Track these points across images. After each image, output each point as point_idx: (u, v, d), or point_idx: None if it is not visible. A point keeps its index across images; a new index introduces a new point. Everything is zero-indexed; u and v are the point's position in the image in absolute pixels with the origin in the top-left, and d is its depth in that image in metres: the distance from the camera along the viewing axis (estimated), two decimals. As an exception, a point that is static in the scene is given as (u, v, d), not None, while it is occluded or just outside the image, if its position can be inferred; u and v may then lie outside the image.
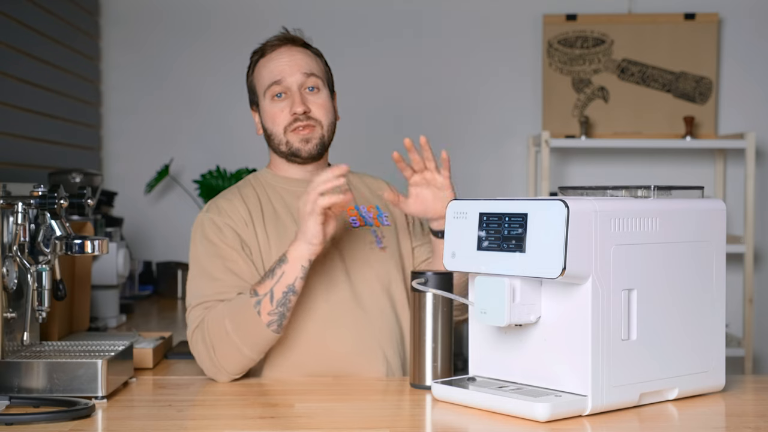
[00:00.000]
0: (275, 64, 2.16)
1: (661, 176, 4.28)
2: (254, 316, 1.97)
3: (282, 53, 2.17)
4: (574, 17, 4.30)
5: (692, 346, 1.80)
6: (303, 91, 2.15)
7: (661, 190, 1.80)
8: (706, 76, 4.28)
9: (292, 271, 1.97)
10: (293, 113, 2.13)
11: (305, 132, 2.14)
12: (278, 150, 2.17)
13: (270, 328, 1.98)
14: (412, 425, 1.72)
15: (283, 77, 2.14)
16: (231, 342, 1.98)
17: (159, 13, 4.33)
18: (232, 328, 1.98)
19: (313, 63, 2.19)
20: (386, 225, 2.22)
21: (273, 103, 2.15)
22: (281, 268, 1.97)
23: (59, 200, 1.90)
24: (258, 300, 1.97)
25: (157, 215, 4.32)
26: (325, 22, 4.31)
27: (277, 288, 1.97)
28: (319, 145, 2.16)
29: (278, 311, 1.97)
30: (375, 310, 2.12)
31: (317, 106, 2.16)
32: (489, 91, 4.37)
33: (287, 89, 2.14)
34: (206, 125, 4.31)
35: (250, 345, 1.98)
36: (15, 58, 3.28)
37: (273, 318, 1.97)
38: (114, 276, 2.97)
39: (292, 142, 2.15)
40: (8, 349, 1.87)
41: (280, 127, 2.15)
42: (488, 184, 4.35)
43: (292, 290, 1.97)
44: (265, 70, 2.17)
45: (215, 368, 2.00)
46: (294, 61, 2.16)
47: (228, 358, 1.99)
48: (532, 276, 1.66)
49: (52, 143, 3.67)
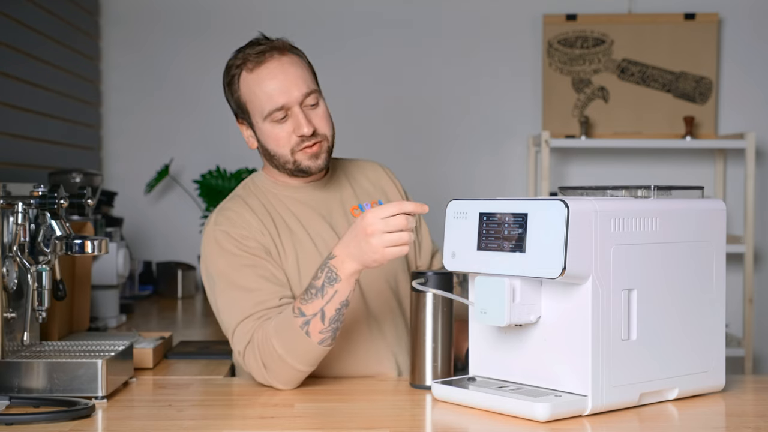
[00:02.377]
0: (268, 84, 2.04)
1: (661, 176, 4.28)
2: (303, 337, 1.87)
3: (272, 68, 2.05)
4: (574, 17, 4.30)
5: (692, 346, 1.80)
6: (305, 109, 2.06)
7: (661, 190, 1.80)
8: (706, 76, 4.28)
9: (346, 288, 1.86)
10: (300, 135, 2.04)
11: (314, 149, 2.07)
12: (282, 168, 2.10)
13: (323, 345, 1.89)
14: (412, 425, 1.72)
15: (282, 100, 2.03)
16: (283, 361, 1.90)
17: (159, 13, 4.32)
18: (283, 350, 1.89)
19: (306, 73, 2.08)
20: None
21: (275, 125, 2.05)
22: (333, 287, 1.86)
23: (59, 200, 1.90)
24: (306, 320, 1.87)
25: (157, 215, 4.31)
26: (324, 22, 4.31)
27: (329, 306, 1.87)
28: (327, 157, 2.10)
29: (332, 327, 1.88)
30: (386, 316, 2.11)
31: (320, 119, 2.07)
32: (489, 91, 4.37)
33: (289, 110, 2.04)
34: (206, 125, 4.30)
35: (304, 362, 1.90)
36: (15, 58, 3.28)
37: (326, 335, 1.88)
38: (114, 276, 2.97)
39: (300, 161, 2.07)
40: (8, 349, 1.87)
41: (286, 149, 2.06)
42: (488, 184, 4.35)
43: (346, 305, 1.89)
44: (260, 90, 2.05)
45: (271, 384, 1.94)
46: (289, 79, 2.04)
47: (283, 376, 1.92)
48: (532, 276, 1.66)
49: (52, 143, 3.67)
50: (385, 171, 2.30)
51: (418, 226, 2.28)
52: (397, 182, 2.30)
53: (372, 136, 4.25)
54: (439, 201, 2.33)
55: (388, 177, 2.29)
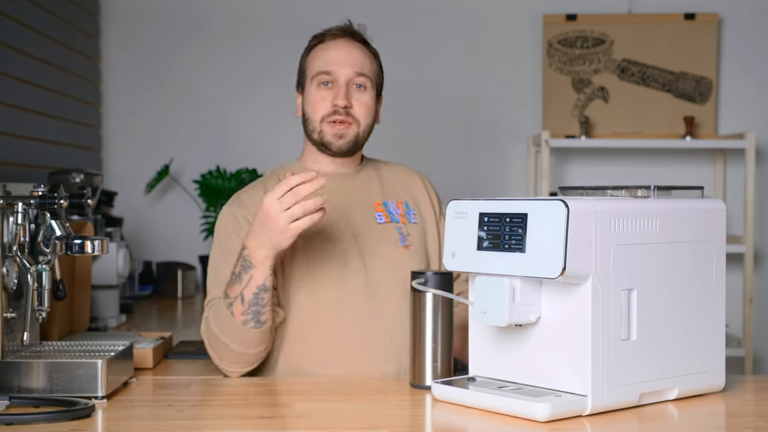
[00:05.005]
0: (330, 53, 2.16)
1: (661, 176, 4.28)
2: (229, 317, 2.00)
3: (339, 45, 2.18)
4: (574, 17, 4.30)
5: (692, 346, 1.80)
6: (350, 86, 2.15)
7: (661, 190, 1.80)
8: (706, 76, 4.28)
9: (260, 273, 1.97)
10: (334, 104, 2.13)
11: (341, 127, 2.14)
12: (311, 137, 2.17)
13: (247, 326, 2.00)
14: (412, 425, 1.72)
15: (334, 68, 2.14)
16: (219, 340, 2.02)
17: (159, 13, 4.33)
18: (218, 329, 2.02)
19: (367, 62, 2.20)
20: (413, 223, 2.21)
21: (318, 89, 2.15)
22: (248, 272, 1.97)
23: (59, 200, 1.90)
24: (230, 302, 2.00)
25: (157, 215, 4.31)
26: (324, 22, 4.30)
27: (247, 291, 1.98)
28: (352, 142, 2.16)
29: (252, 310, 1.99)
30: (389, 305, 2.11)
31: (360, 103, 2.16)
32: (489, 91, 4.37)
33: (335, 80, 2.14)
34: (206, 125, 4.30)
35: (237, 343, 2.01)
36: (15, 58, 3.28)
37: (247, 317, 1.99)
38: (114, 276, 2.97)
39: (325, 132, 2.14)
40: (8, 349, 1.87)
41: (319, 114, 2.14)
42: (488, 184, 4.35)
43: (264, 288, 1.98)
44: (319, 56, 2.17)
45: (220, 365, 2.05)
46: (349, 54, 2.17)
47: (225, 357, 2.03)
48: (532, 276, 1.66)
49: (52, 143, 3.67)
50: (421, 179, 2.31)
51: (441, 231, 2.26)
52: (434, 194, 2.30)
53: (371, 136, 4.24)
54: (439, 201, 2.34)
55: (422, 185, 2.30)
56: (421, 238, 2.21)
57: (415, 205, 2.24)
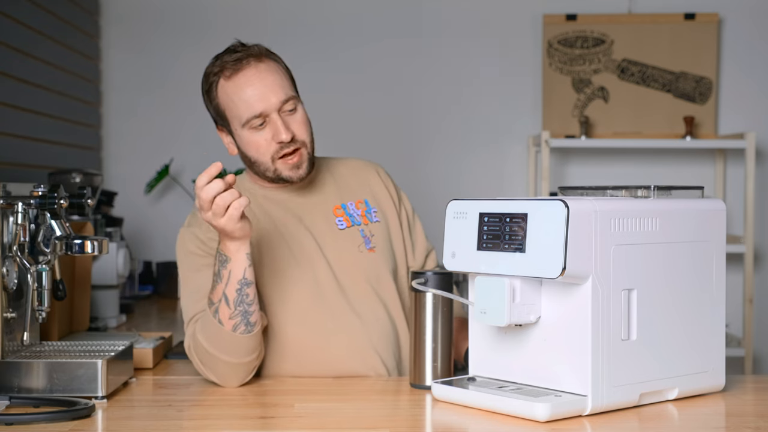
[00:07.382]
0: (247, 91, 2.04)
1: (661, 176, 4.27)
2: (217, 326, 1.92)
3: (250, 75, 2.05)
4: (574, 17, 4.30)
5: (692, 346, 1.80)
6: (282, 115, 2.06)
7: (661, 190, 1.80)
8: (706, 76, 4.28)
9: (237, 265, 1.91)
10: (279, 142, 2.05)
11: (295, 159, 2.07)
12: (263, 175, 2.11)
13: (237, 331, 1.93)
14: (412, 425, 1.72)
15: (260, 106, 2.03)
16: (210, 355, 1.94)
17: (159, 13, 4.32)
18: (207, 343, 1.94)
19: (283, 80, 2.08)
20: (375, 222, 2.19)
21: (254, 132, 2.06)
22: (226, 267, 1.91)
23: (59, 200, 1.90)
24: (215, 308, 1.92)
25: (157, 215, 4.31)
26: (324, 22, 4.31)
27: (230, 288, 1.91)
28: (309, 166, 2.10)
29: (239, 311, 1.92)
30: (369, 315, 2.10)
31: (298, 124, 2.08)
32: (489, 90, 4.37)
33: (267, 117, 2.05)
34: (206, 125, 4.27)
35: (229, 353, 1.93)
36: (15, 58, 3.28)
37: (236, 321, 1.92)
38: (114, 276, 2.97)
39: (280, 170, 2.08)
40: (8, 349, 1.87)
41: (266, 156, 2.07)
42: (488, 184, 4.35)
43: (246, 283, 1.92)
44: (238, 98, 2.05)
45: (213, 380, 1.98)
46: (266, 85, 2.05)
47: (219, 371, 1.96)
48: (532, 276, 1.66)
49: (52, 143, 3.67)
50: (377, 170, 2.28)
51: (412, 226, 2.27)
52: (390, 182, 2.27)
53: (371, 136, 4.25)
54: (439, 201, 2.33)
55: (379, 177, 2.26)
56: (385, 236, 2.19)
57: (374, 202, 2.21)
